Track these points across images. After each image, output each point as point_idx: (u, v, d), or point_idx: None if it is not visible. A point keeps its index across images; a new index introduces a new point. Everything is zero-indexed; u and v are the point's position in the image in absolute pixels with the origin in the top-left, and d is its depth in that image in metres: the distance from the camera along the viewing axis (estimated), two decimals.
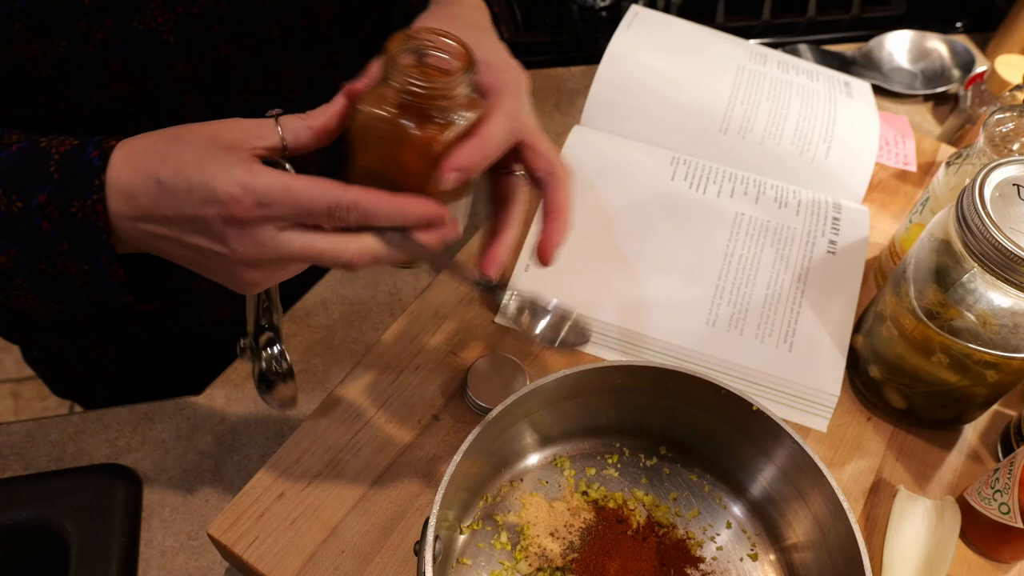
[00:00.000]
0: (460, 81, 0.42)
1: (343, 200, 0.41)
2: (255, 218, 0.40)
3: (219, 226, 0.41)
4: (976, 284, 0.52)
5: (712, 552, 0.55)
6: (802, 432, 0.60)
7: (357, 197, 0.41)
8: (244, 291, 0.45)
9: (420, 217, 0.43)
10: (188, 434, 0.63)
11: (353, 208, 0.41)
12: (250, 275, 0.43)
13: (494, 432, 0.52)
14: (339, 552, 0.53)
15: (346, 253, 0.42)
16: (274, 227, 0.41)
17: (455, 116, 0.43)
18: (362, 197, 0.41)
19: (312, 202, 0.41)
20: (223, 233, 0.41)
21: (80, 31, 0.50)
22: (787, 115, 0.76)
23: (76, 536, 0.57)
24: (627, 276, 0.66)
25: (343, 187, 0.41)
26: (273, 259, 0.42)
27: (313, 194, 0.41)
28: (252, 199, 0.40)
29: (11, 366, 1.69)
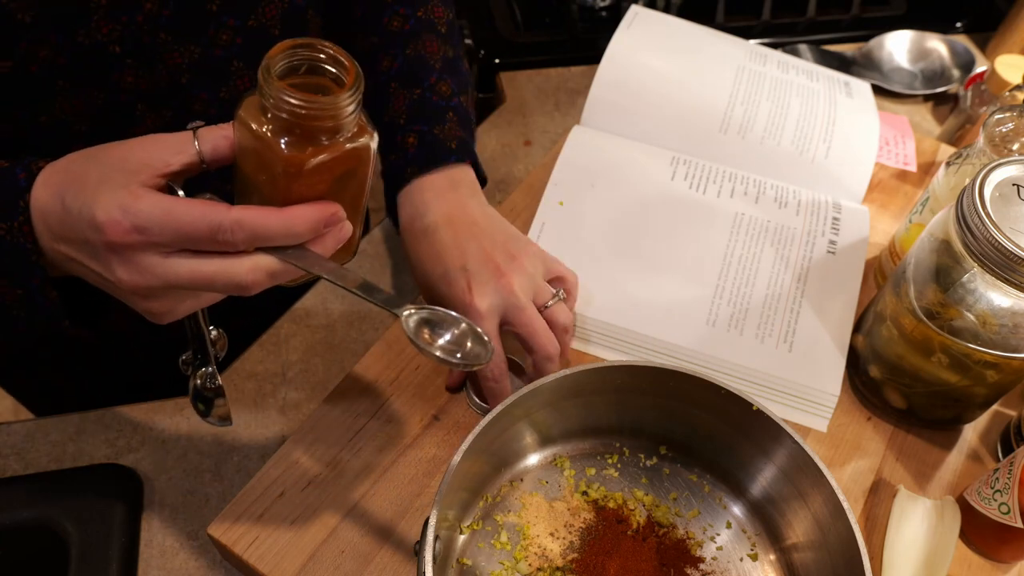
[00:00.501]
0: (343, 101, 0.39)
1: (224, 222, 0.39)
2: (134, 244, 0.39)
3: (103, 252, 0.40)
4: (976, 284, 0.52)
5: (712, 552, 0.55)
6: (802, 432, 0.60)
7: (240, 216, 0.39)
8: (153, 320, 0.44)
9: (312, 227, 0.41)
10: (188, 434, 0.63)
11: (238, 229, 0.39)
12: (147, 305, 0.43)
13: (494, 432, 0.52)
14: (339, 552, 0.53)
15: (237, 275, 0.41)
16: (157, 253, 0.40)
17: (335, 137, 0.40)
18: (246, 216, 0.39)
19: (192, 225, 0.39)
20: (107, 260, 0.41)
21: (22, 50, 0.49)
22: (787, 115, 0.76)
23: (76, 536, 0.57)
24: (627, 276, 0.66)
25: (225, 208, 0.39)
26: (160, 286, 0.41)
27: (193, 216, 0.39)
28: (129, 224, 0.39)
29: None
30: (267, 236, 0.41)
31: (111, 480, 0.60)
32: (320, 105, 0.38)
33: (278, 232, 0.41)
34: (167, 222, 0.39)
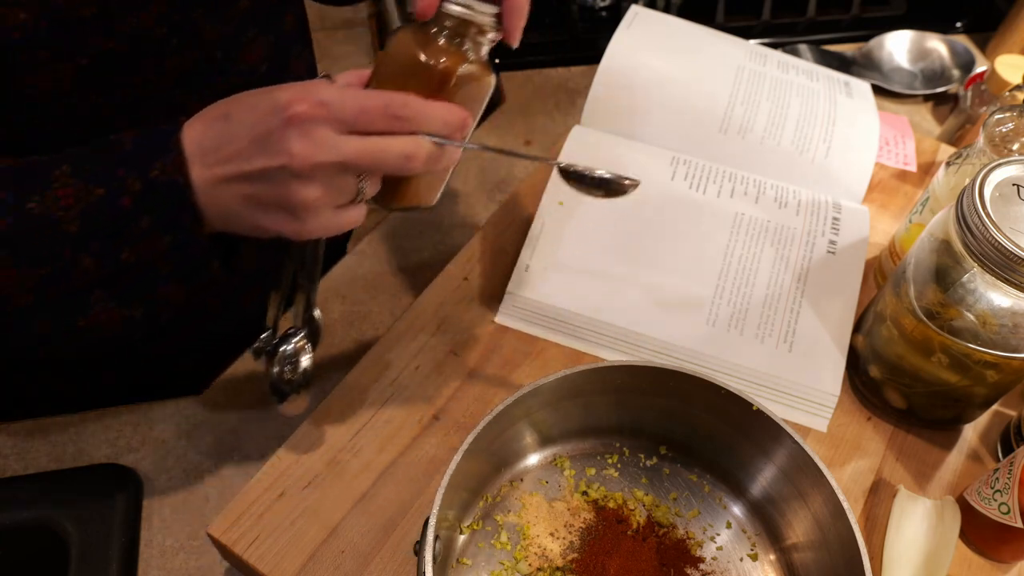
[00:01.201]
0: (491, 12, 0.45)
1: (395, 98, 0.43)
2: (315, 116, 0.42)
3: (281, 131, 0.42)
4: (976, 284, 0.52)
5: (712, 552, 0.55)
6: (802, 432, 0.60)
7: (407, 98, 0.44)
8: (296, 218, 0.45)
9: (461, 122, 0.46)
10: (188, 434, 0.64)
11: (406, 106, 0.43)
12: (309, 192, 0.43)
13: (494, 432, 0.52)
14: (339, 552, 0.53)
15: (406, 146, 0.44)
16: (334, 129, 0.42)
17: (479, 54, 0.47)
18: (411, 98, 0.44)
19: (368, 99, 0.43)
20: (284, 138, 0.42)
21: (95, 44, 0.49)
22: (787, 115, 0.76)
23: (76, 536, 0.57)
24: (627, 276, 0.66)
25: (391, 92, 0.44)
26: (332, 162, 0.43)
27: (369, 93, 0.43)
28: (313, 98, 0.42)
29: None
30: (427, 119, 0.44)
31: (111, 480, 0.60)
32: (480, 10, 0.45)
33: (437, 117, 0.45)
34: (346, 97, 0.43)
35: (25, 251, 0.44)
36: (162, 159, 0.43)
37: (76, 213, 0.43)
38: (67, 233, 0.43)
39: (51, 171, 0.44)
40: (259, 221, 0.45)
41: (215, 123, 0.44)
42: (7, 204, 0.43)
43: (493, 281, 0.68)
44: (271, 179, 0.43)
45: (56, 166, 0.44)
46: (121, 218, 0.44)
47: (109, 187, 0.43)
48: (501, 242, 0.70)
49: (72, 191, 0.43)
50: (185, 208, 0.44)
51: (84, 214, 0.43)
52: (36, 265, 0.44)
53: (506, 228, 0.71)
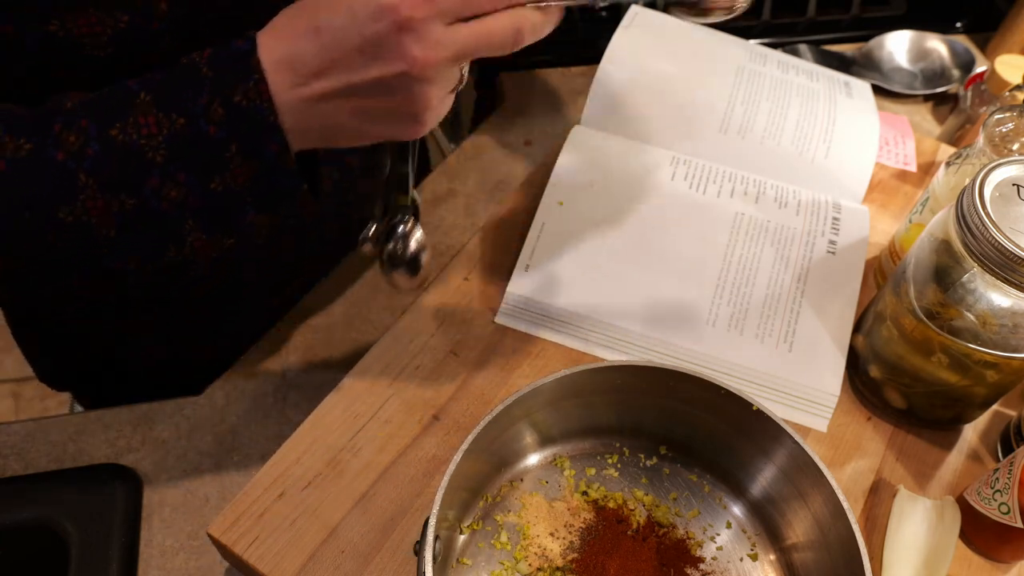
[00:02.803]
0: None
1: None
2: (426, 15, 0.40)
3: (394, 37, 0.40)
4: (976, 284, 0.52)
5: (712, 552, 0.55)
6: (802, 432, 0.60)
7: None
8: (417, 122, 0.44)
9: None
10: (188, 434, 0.64)
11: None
12: (432, 93, 0.43)
13: (494, 432, 0.52)
14: (339, 552, 0.53)
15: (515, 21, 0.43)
16: (443, 23, 0.41)
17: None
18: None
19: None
20: (399, 44, 0.40)
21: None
22: (787, 115, 0.76)
23: (76, 536, 0.57)
24: (627, 276, 0.66)
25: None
26: (450, 57, 0.42)
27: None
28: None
29: (11, 366, 1.69)
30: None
31: (111, 480, 0.60)
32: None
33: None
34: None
35: (112, 179, 0.42)
36: (243, 84, 0.41)
37: (160, 141, 0.42)
38: (153, 161, 0.42)
39: (132, 99, 0.42)
40: (371, 130, 0.44)
41: (304, 38, 0.41)
42: (90, 133, 0.42)
43: (493, 281, 0.68)
44: (389, 87, 0.42)
45: (135, 94, 0.42)
46: (208, 146, 0.42)
47: (192, 115, 0.42)
48: (501, 242, 0.70)
49: (154, 119, 0.42)
50: (272, 134, 0.43)
51: (169, 142, 0.42)
52: (124, 194, 0.43)
53: (506, 228, 0.71)
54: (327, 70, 0.42)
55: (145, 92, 0.42)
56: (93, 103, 0.43)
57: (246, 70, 0.42)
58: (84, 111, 0.43)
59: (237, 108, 0.42)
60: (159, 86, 0.43)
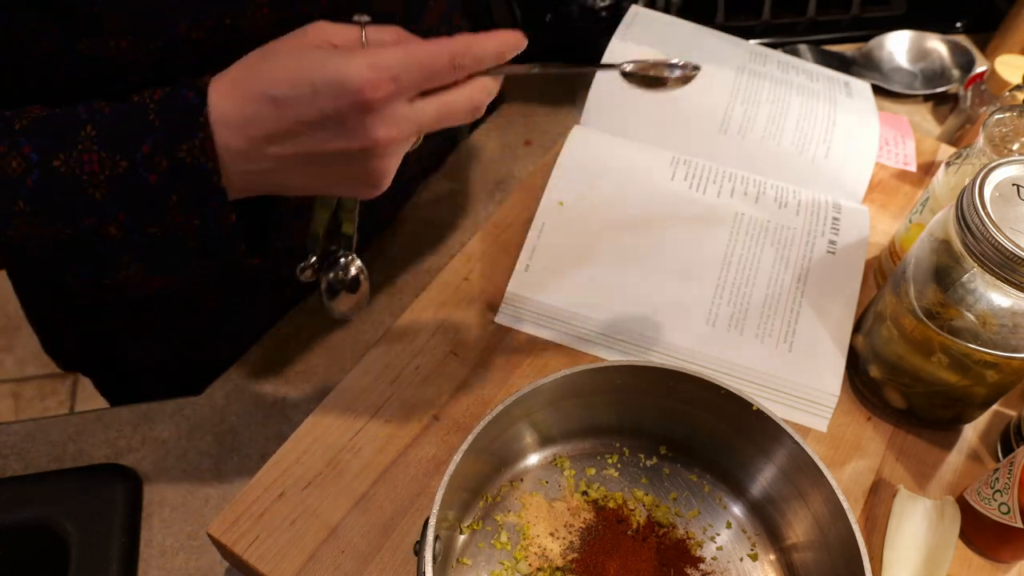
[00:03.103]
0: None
1: (456, 48, 0.41)
2: (390, 95, 0.40)
3: (357, 118, 0.40)
4: (976, 284, 0.52)
5: (712, 552, 0.55)
6: (802, 432, 0.60)
7: (467, 41, 0.42)
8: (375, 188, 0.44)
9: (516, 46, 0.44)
10: (188, 434, 0.64)
11: (468, 52, 0.42)
12: (390, 163, 0.43)
13: (494, 432, 0.52)
14: (339, 552, 0.53)
15: (473, 96, 0.43)
16: (406, 100, 0.41)
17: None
18: (469, 39, 0.42)
19: (434, 58, 0.41)
20: (362, 124, 0.40)
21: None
22: (787, 115, 0.76)
23: (76, 536, 0.57)
24: (627, 276, 0.66)
25: (447, 39, 0.42)
26: (413, 133, 0.42)
27: (431, 50, 0.41)
28: (385, 75, 0.39)
29: (11, 366, 1.69)
30: (487, 57, 0.43)
31: (111, 480, 0.60)
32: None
33: (493, 51, 0.43)
34: (413, 62, 0.40)
35: (49, 210, 0.42)
36: (189, 140, 0.41)
37: (102, 180, 0.41)
38: (92, 198, 0.42)
39: (78, 129, 0.42)
40: (325, 189, 0.44)
41: (258, 103, 0.41)
42: (32, 160, 0.41)
43: (493, 281, 0.68)
44: (348, 159, 0.42)
45: (82, 125, 0.42)
46: (148, 194, 0.42)
47: (135, 161, 0.41)
48: (501, 242, 0.70)
49: (97, 157, 0.41)
50: (214, 194, 0.42)
51: (110, 183, 0.41)
52: (61, 225, 0.42)
53: (506, 228, 0.71)
54: (282, 138, 0.41)
55: (92, 126, 0.42)
56: (41, 127, 0.42)
57: (193, 126, 0.41)
58: (30, 136, 0.42)
59: (181, 163, 0.41)
60: (106, 122, 0.42)
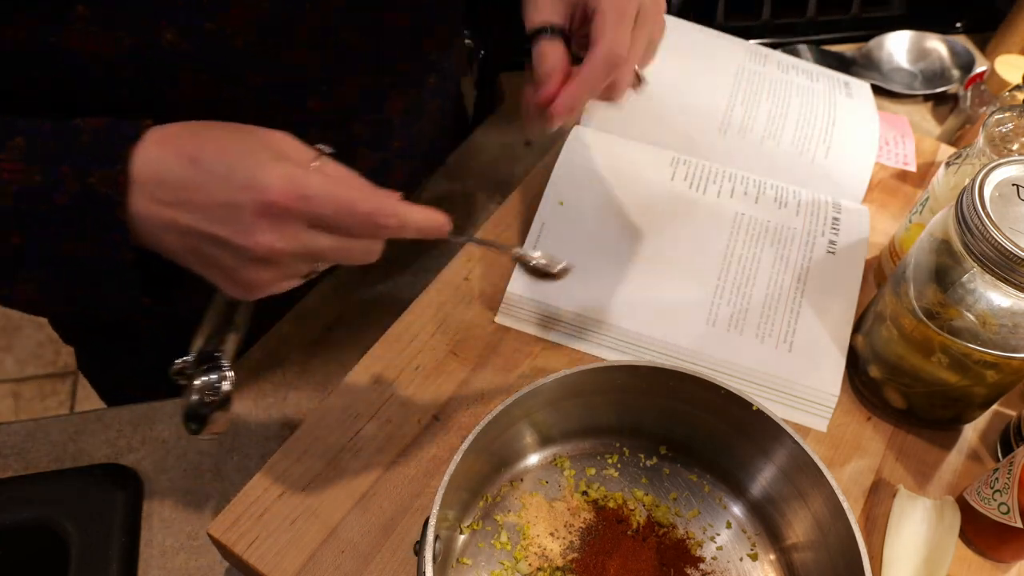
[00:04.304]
0: None
1: (385, 208, 0.42)
2: (292, 209, 0.40)
3: (250, 216, 0.40)
4: (976, 284, 0.52)
5: (712, 552, 0.55)
6: (802, 432, 0.60)
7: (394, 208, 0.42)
8: (245, 291, 0.44)
9: (439, 228, 0.45)
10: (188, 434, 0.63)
11: (394, 218, 0.42)
12: (262, 275, 0.43)
13: (494, 432, 0.52)
14: (339, 552, 0.53)
15: (375, 251, 0.44)
16: (307, 224, 0.41)
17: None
18: (397, 208, 0.42)
19: (355, 205, 0.41)
20: (252, 222, 0.40)
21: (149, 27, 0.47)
22: (787, 115, 0.76)
23: (76, 536, 0.57)
24: (627, 276, 0.66)
25: (386, 195, 0.42)
26: (299, 256, 0.42)
27: (357, 199, 0.41)
28: (297, 191, 0.40)
29: (11, 366, 1.70)
30: (408, 227, 0.43)
31: (111, 480, 0.60)
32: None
33: (415, 225, 0.44)
34: (332, 198, 0.40)
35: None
36: (103, 169, 0.41)
37: (12, 191, 0.41)
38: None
39: (9, 138, 0.41)
40: (201, 272, 0.44)
41: (180, 164, 0.41)
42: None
43: (493, 281, 0.68)
44: (226, 249, 0.41)
45: (16, 134, 0.42)
46: (53, 212, 0.41)
47: (48, 179, 0.41)
48: (501, 242, 0.70)
49: (17, 167, 0.41)
50: (114, 226, 0.41)
51: (18, 195, 0.41)
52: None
53: (506, 228, 0.71)
54: (182, 205, 0.41)
55: (24, 138, 0.42)
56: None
57: (115, 157, 0.41)
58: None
59: (90, 188, 0.41)
60: (40, 137, 0.42)
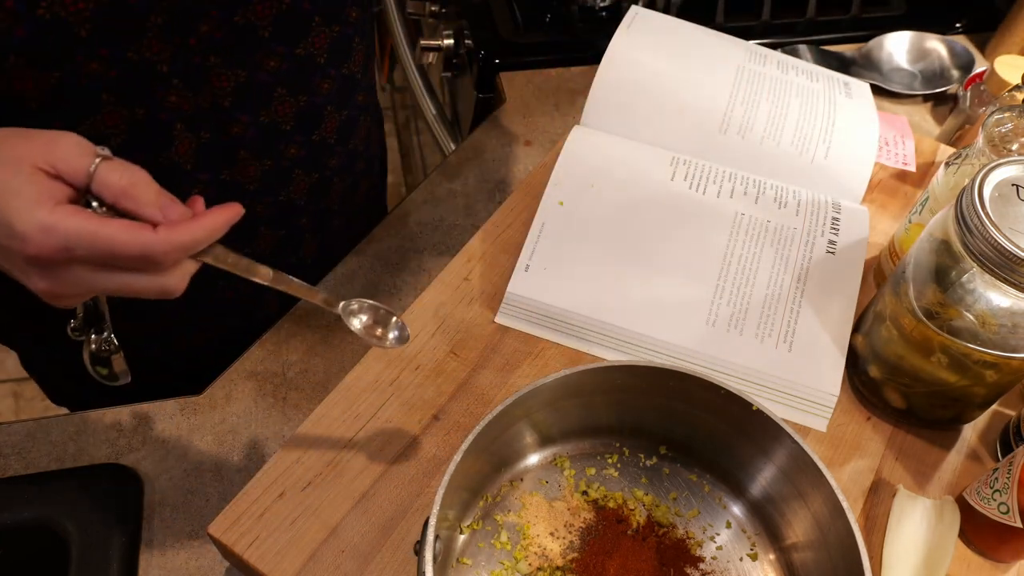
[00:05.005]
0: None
1: (156, 246, 0.40)
2: (59, 260, 0.39)
3: (20, 263, 0.40)
4: (975, 284, 0.52)
5: (712, 552, 0.55)
6: (802, 432, 0.60)
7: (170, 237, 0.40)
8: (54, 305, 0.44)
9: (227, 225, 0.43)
10: (188, 434, 0.64)
11: (171, 251, 0.40)
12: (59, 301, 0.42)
13: (494, 432, 0.52)
14: (339, 552, 0.53)
15: (168, 285, 0.42)
16: (85, 268, 0.40)
17: None
18: (175, 236, 0.40)
19: (124, 247, 0.39)
20: (25, 269, 0.40)
21: (75, 63, 0.49)
22: (787, 115, 0.76)
23: (77, 536, 0.57)
24: (627, 276, 0.66)
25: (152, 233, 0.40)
26: (83, 293, 0.42)
27: (124, 239, 0.39)
28: (54, 243, 0.39)
29: (12, 366, 1.70)
30: (195, 246, 0.42)
31: (111, 480, 0.60)
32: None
33: (205, 239, 0.42)
34: (93, 243, 0.39)
35: None
36: None
37: None
38: None
39: None
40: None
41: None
42: None
43: (493, 281, 0.68)
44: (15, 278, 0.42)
45: None
46: None
47: None
48: (501, 242, 0.70)
49: None
50: None
51: None
52: None
53: (506, 228, 0.71)
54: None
55: None
56: None
57: None
58: None
59: None
60: None
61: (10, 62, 0.47)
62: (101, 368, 0.50)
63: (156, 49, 0.52)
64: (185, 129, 0.57)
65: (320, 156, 0.69)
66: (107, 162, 0.41)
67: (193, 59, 0.54)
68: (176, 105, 0.56)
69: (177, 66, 0.54)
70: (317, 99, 0.65)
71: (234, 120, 0.60)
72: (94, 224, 0.39)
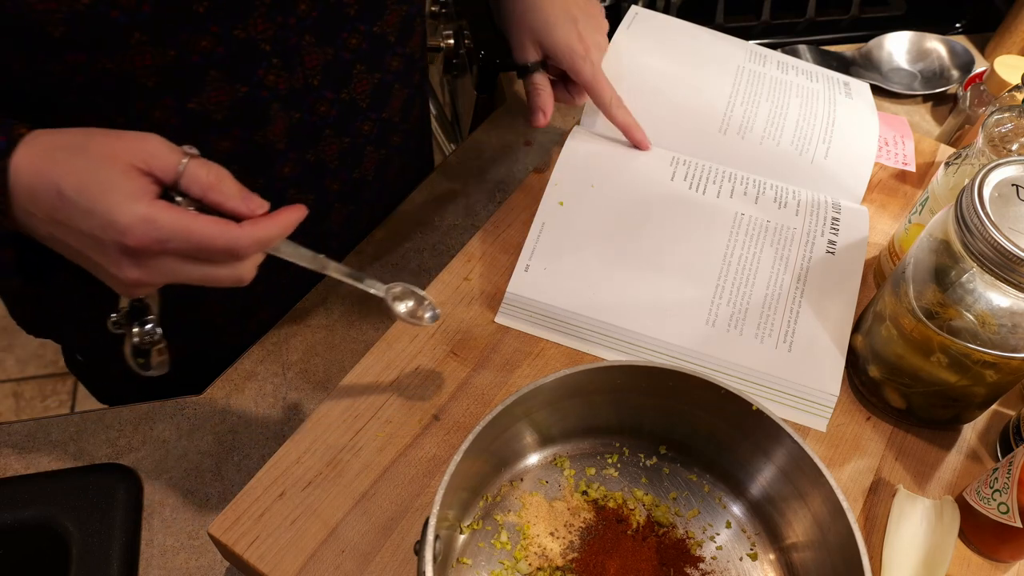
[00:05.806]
0: None
1: (241, 240, 0.44)
2: (154, 251, 0.43)
3: (114, 251, 0.43)
4: (975, 284, 0.52)
5: (712, 552, 0.55)
6: (801, 432, 0.60)
7: (252, 233, 0.45)
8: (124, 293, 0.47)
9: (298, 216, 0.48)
10: (188, 434, 0.64)
11: (252, 245, 0.45)
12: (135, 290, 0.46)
13: (494, 432, 0.52)
14: (339, 552, 0.53)
15: (244, 274, 0.47)
16: (173, 259, 0.44)
17: None
18: (257, 231, 0.45)
19: (212, 241, 0.43)
20: (116, 258, 0.43)
21: (190, 39, 0.51)
22: (786, 115, 0.76)
23: (77, 535, 0.57)
24: (627, 276, 0.66)
25: (238, 228, 0.44)
26: (165, 282, 0.45)
27: (212, 233, 0.43)
28: (153, 236, 0.42)
29: (11, 366, 1.70)
30: (271, 241, 0.47)
31: (111, 480, 0.60)
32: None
33: (279, 235, 0.47)
34: (188, 237, 0.43)
35: None
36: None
37: None
38: None
39: None
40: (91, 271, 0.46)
41: (48, 190, 0.43)
42: None
43: (493, 281, 0.68)
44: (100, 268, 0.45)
45: None
46: None
47: None
48: (501, 242, 0.70)
49: None
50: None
51: None
52: None
53: (506, 228, 0.71)
54: (56, 225, 0.44)
55: None
56: None
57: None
58: None
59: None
60: None
61: (135, 39, 0.49)
62: (140, 359, 0.53)
63: (260, 28, 0.54)
64: (280, 108, 0.59)
65: (387, 134, 0.72)
66: (195, 159, 0.44)
67: (291, 39, 0.56)
68: (273, 84, 0.57)
69: (277, 45, 0.55)
70: (388, 77, 0.67)
71: (322, 98, 0.62)
72: (188, 219, 0.43)
